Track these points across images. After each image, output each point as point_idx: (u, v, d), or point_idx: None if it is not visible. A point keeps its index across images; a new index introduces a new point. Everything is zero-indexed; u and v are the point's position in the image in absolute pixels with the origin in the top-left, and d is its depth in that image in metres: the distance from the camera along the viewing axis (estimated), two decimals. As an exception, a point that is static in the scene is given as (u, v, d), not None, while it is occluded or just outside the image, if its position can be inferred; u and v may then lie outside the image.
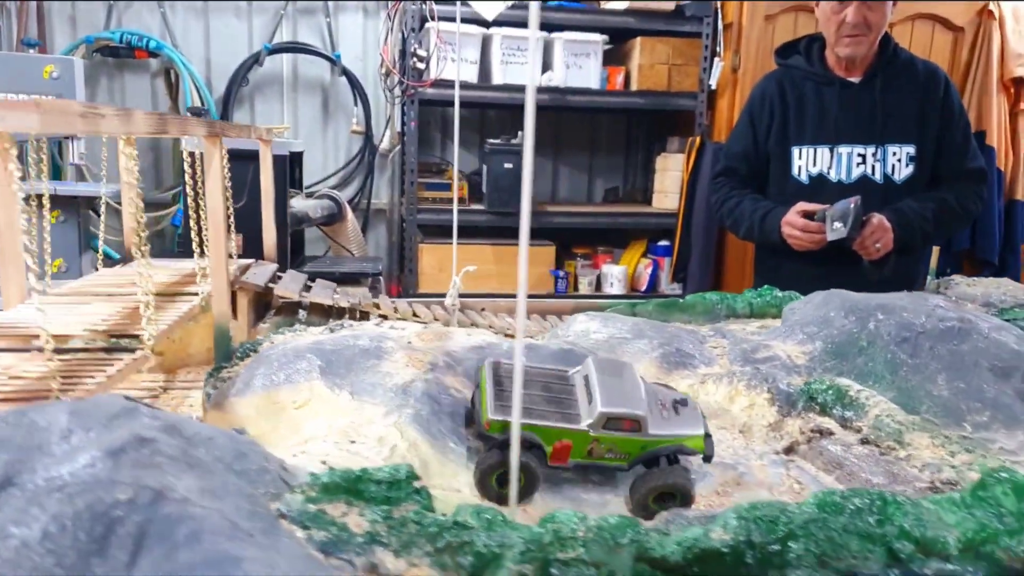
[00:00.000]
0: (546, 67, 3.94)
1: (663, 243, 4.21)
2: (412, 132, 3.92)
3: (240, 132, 1.42)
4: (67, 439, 0.56)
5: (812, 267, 2.13)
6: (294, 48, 4.30)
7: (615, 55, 4.18)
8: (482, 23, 3.72)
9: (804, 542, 0.69)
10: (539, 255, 4.05)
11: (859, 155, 2.20)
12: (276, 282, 1.78)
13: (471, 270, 1.46)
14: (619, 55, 4.18)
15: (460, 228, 3.69)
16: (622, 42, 4.14)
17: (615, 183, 4.84)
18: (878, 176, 2.19)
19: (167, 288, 1.36)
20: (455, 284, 1.55)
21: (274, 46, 4.24)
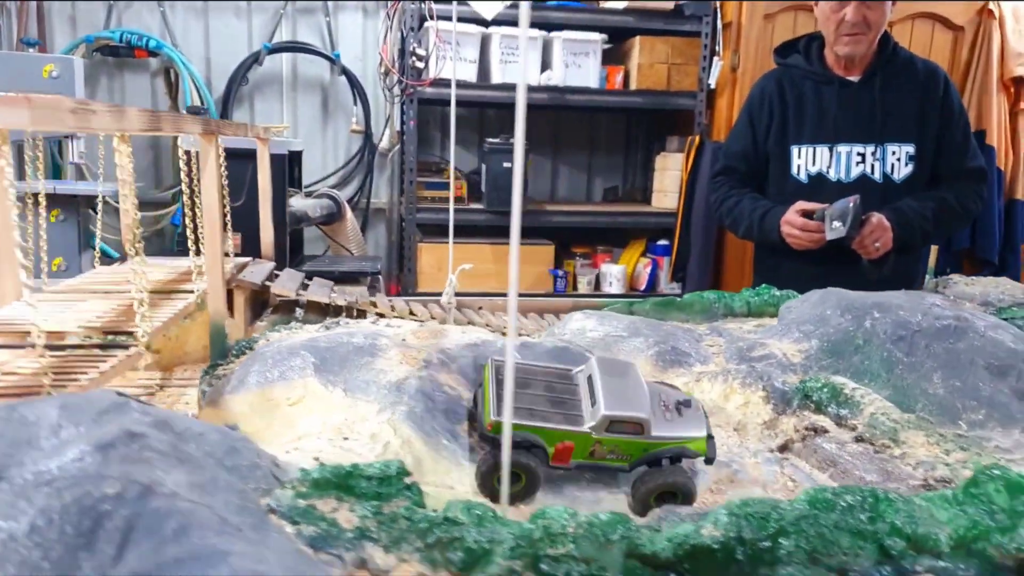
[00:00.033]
0: (545, 66, 3.94)
1: (662, 242, 4.20)
2: (411, 131, 3.91)
3: (236, 130, 1.42)
4: (56, 434, 0.56)
5: (811, 266, 2.12)
6: (294, 48, 4.30)
7: (614, 54, 4.18)
8: (481, 22, 3.71)
9: (795, 539, 0.69)
10: (538, 254, 4.04)
11: (858, 154, 2.19)
12: (273, 280, 1.78)
13: (467, 268, 1.46)
14: (618, 54, 4.18)
15: (459, 227, 3.70)
16: (621, 41, 4.14)
17: (614, 182, 4.84)
18: (877, 175, 2.18)
19: (163, 286, 1.36)
20: (451, 283, 1.55)
21: (274, 45, 4.24)
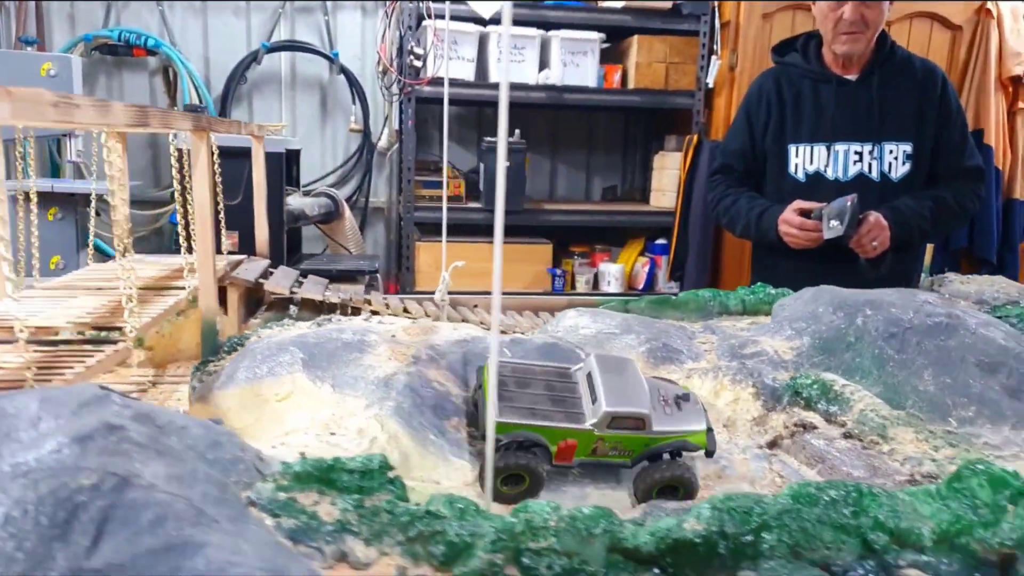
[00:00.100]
0: (543, 65, 3.93)
1: (660, 241, 4.20)
2: (409, 130, 3.92)
3: (229, 128, 1.42)
4: (35, 426, 0.56)
5: (809, 265, 2.11)
6: (292, 47, 4.30)
7: (612, 53, 4.17)
8: (479, 21, 3.71)
9: (777, 533, 0.69)
10: (536, 253, 4.04)
11: (856, 153, 2.18)
12: (267, 278, 1.78)
13: (459, 265, 1.46)
14: (616, 53, 4.17)
15: (457, 226, 3.71)
16: (619, 40, 4.13)
17: (613, 181, 4.84)
18: (875, 174, 2.18)
19: (155, 283, 1.37)
20: (444, 280, 1.55)
21: (272, 44, 4.24)
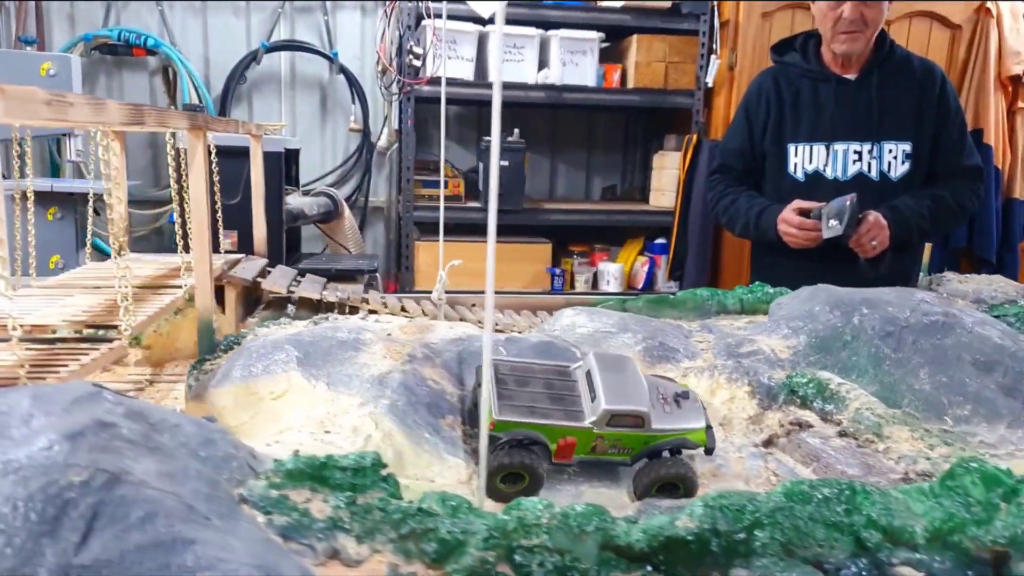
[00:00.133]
0: (542, 64, 3.93)
1: (660, 241, 4.20)
2: (409, 130, 3.92)
3: (226, 127, 1.42)
4: (27, 423, 0.56)
5: (808, 265, 2.10)
6: (292, 46, 4.30)
7: (612, 53, 4.17)
8: (478, 21, 3.71)
9: (770, 531, 0.69)
10: (535, 253, 4.04)
11: (855, 152, 2.18)
12: (265, 277, 1.79)
13: (456, 264, 1.46)
14: (615, 53, 4.17)
15: (457, 225, 3.71)
16: (618, 40, 4.13)
17: (613, 181, 4.84)
18: (874, 173, 2.18)
19: (152, 281, 1.37)
20: (442, 279, 1.55)
21: (272, 44, 4.25)
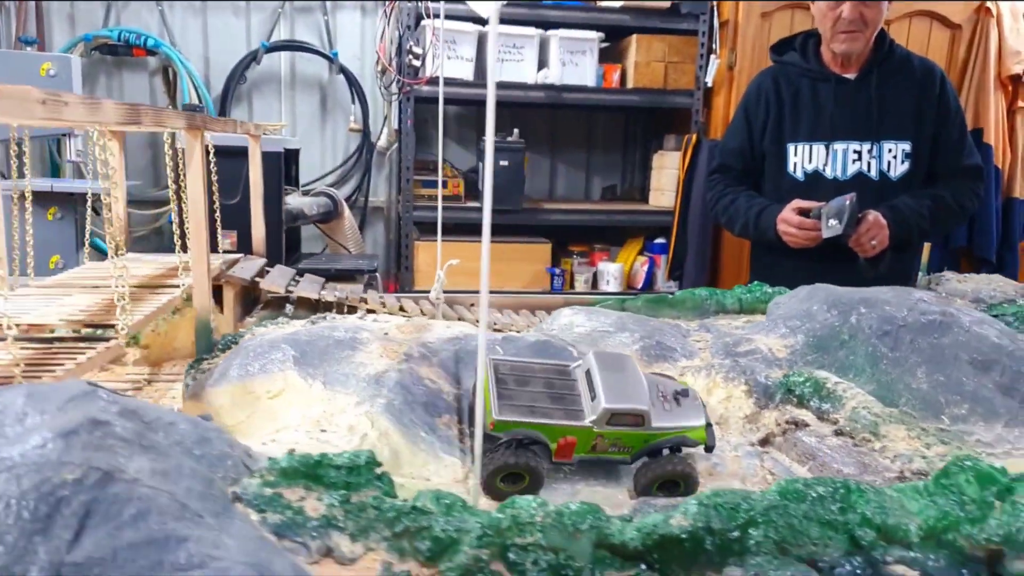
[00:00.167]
0: (542, 64, 3.94)
1: (659, 241, 4.20)
2: (409, 130, 3.92)
3: (224, 127, 1.42)
4: (21, 421, 0.56)
5: (808, 264, 2.10)
6: (292, 46, 4.31)
7: (611, 53, 4.17)
8: (478, 21, 3.72)
9: (764, 529, 0.69)
10: (535, 253, 4.04)
11: (855, 152, 2.18)
12: (264, 276, 1.79)
13: (454, 263, 1.46)
14: (615, 52, 4.17)
15: (457, 225, 3.71)
16: (618, 40, 4.13)
17: (612, 181, 4.84)
18: (874, 173, 2.17)
19: (150, 281, 1.37)
20: (440, 279, 1.55)
21: (272, 44, 4.25)
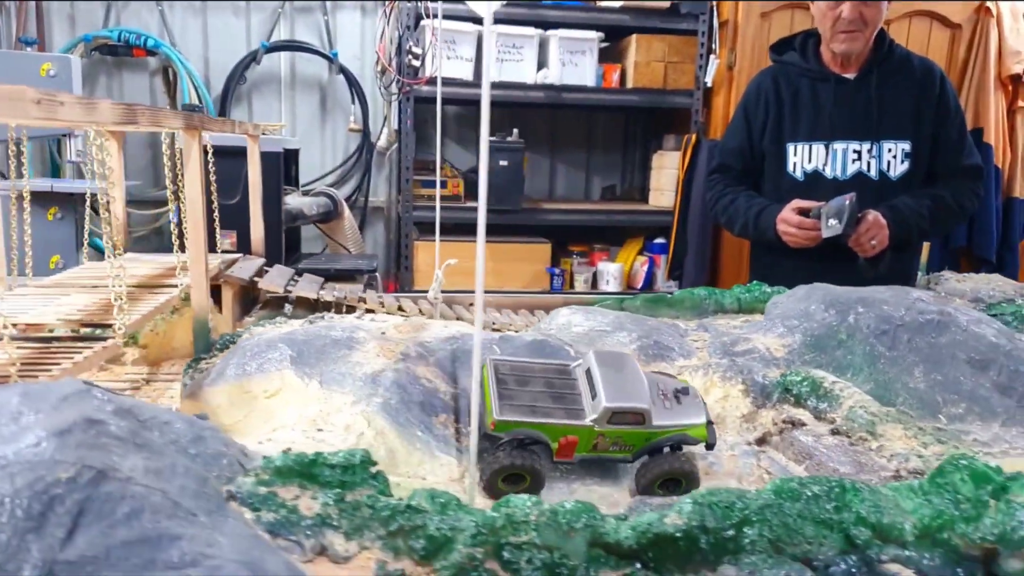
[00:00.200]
0: (541, 64, 3.94)
1: (659, 240, 4.20)
2: (409, 130, 3.92)
3: (222, 127, 1.42)
4: (16, 420, 0.56)
5: (807, 264, 2.09)
6: (292, 46, 4.31)
7: (611, 52, 4.18)
8: (478, 21, 3.72)
9: (758, 527, 0.69)
10: (534, 252, 4.05)
11: (854, 151, 2.18)
12: (262, 276, 1.79)
13: (452, 263, 1.46)
14: (615, 52, 4.17)
15: (456, 225, 3.71)
16: (617, 39, 4.14)
17: (612, 181, 4.84)
18: (873, 172, 2.17)
19: (148, 281, 1.37)
20: (438, 279, 1.55)
21: (272, 44, 4.25)
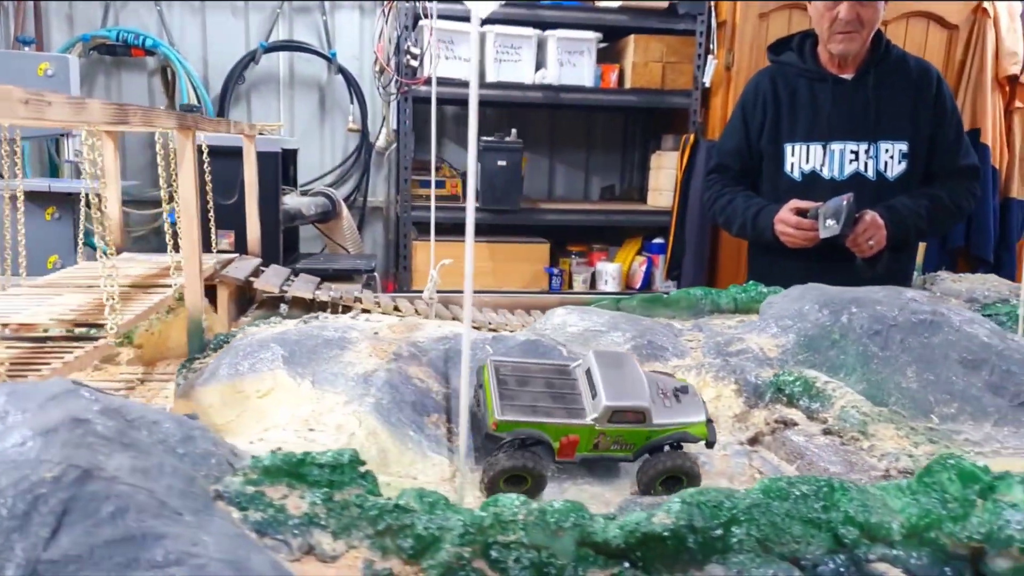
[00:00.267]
0: (540, 65, 3.94)
1: (657, 240, 4.21)
2: (407, 130, 3.92)
3: (217, 127, 1.42)
4: (2, 419, 0.57)
5: (805, 264, 2.09)
6: (290, 46, 4.31)
7: (609, 53, 4.18)
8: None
9: (746, 527, 0.70)
10: (533, 253, 4.05)
11: (852, 152, 2.18)
12: (258, 276, 1.79)
13: (447, 263, 1.46)
14: (613, 53, 4.18)
15: (455, 225, 3.71)
16: (616, 40, 4.14)
17: (611, 181, 4.84)
18: (871, 173, 2.17)
19: (143, 280, 1.37)
20: (433, 279, 1.55)
21: (270, 44, 4.25)
